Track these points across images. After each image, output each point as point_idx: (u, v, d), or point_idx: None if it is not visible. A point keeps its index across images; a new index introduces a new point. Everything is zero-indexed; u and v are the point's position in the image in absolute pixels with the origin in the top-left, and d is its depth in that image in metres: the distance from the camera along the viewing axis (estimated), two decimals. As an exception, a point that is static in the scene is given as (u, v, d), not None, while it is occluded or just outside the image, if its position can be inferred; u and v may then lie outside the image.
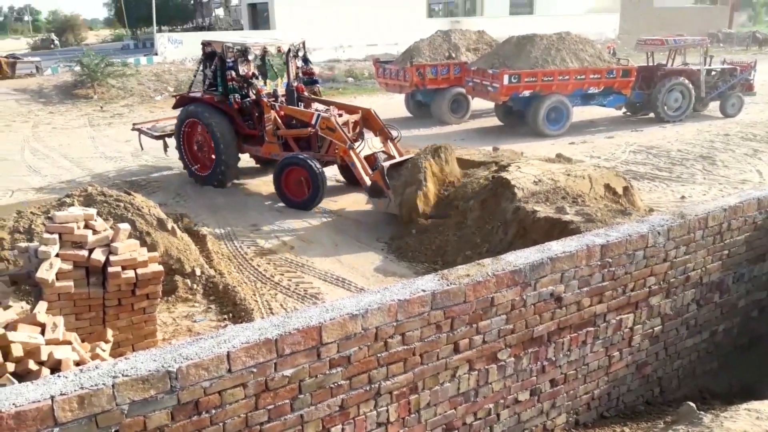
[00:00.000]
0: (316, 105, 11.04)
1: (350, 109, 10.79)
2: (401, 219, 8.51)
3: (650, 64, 17.79)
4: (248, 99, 10.51)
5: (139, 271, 5.02)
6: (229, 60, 10.34)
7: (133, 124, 13.02)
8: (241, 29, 34.14)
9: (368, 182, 9.20)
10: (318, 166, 9.51)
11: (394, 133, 10.24)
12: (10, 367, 3.53)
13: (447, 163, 8.88)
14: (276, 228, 9.07)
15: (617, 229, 4.08)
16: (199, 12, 43.09)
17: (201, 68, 11.30)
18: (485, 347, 3.56)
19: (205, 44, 11.05)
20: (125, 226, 5.19)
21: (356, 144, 9.63)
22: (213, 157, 10.80)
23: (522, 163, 8.69)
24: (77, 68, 24.08)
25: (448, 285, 3.36)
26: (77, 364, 3.76)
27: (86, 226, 5.02)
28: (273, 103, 10.32)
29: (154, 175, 12.26)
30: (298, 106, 10.71)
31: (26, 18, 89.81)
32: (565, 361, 3.92)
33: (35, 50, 44.05)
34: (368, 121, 10.42)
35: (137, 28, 44.50)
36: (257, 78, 10.65)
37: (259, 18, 33.75)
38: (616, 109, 17.24)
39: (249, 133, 10.72)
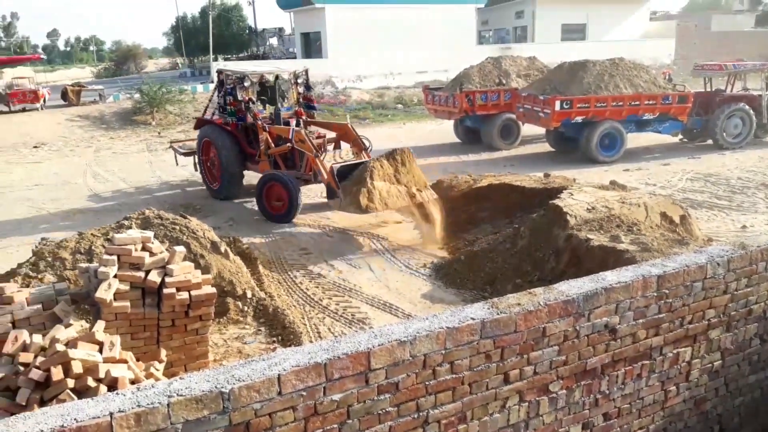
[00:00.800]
0: (311, 127, 12.14)
1: (335, 128, 12.04)
2: (354, 212, 9.39)
3: (708, 89, 17.34)
4: (242, 121, 11.77)
5: (193, 292, 5.14)
6: (228, 86, 11.82)
7: (170, 142, 14.89)
8: (294, 58, 35.01)
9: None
10: (293, 179, 10.57)
11: (366, 143, 10.97)
12: (70, 383, 3.65)
13: (404, 165, 9.44)
14: (325, 252, 9.17)
15: (674, 259, 3.96)
16: (254, 41, 44.42)
17: (216, 93, 12.64)
18: (536, 378, 3.48)
19: (219, 72, 12.48)
20: (180, 249, 5.33)
21: (323, 154, 10.35)
22: (220, 175, 12.21)
23: (575, 190, 8.55)
24: (137, 95, 25.10)
25: (498, 314, 3.31)
26: (132, 382, 3.86)
27: (143, 248, 5.18)
28: (264, 124, 11.40)
29: (209, 200, 12.61)
30: (302, 130, 11.25)
31: (91, 48, 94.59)
32: (619, 395, 3.80)
33: (99, 78, 46.26)
34: (345, 134, 11.44)
35: (194, 57, 46.22)
36: (253, 103, 11.68)
37: (312, 47, 34.58)
38: (673, 136, 16.82)
39: (251, 153, 11.85)
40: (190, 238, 7.03)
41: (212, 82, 29.28)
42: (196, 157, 13.14)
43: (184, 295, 5.11)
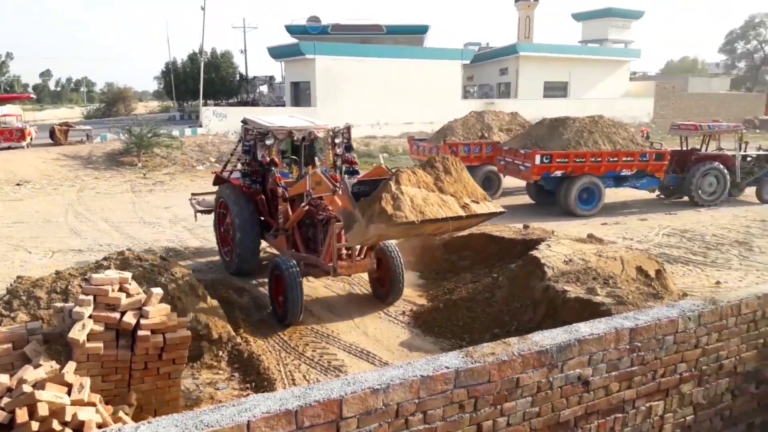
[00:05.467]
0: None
1: (374, 174, 8.76)
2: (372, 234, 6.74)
3: (684, 148, 17.84)
4: (259, 185, 9.53)
5: (168, 335, 5.09)
6: (247, 142, 9.59)
7: (192, 194, 12.49)
8: (284, 105, 35.51)
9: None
10: (295, 270, 7.81)
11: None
12: (35, 426, 3.57)
13: (449, 173, 7.01)
14: (305, 298, 9.10)
15: (647, 312, 4.02)
16: (244, 88, 45.04)
17: (241, 146, 10.27)
18: (509, 430, 3.48)
19: (243, 122, 10.19)
20: (158, 291, 5.30)
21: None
22: (234, 246, 9.76)
23: (552, 242, 8.67)
24: (124, 137, 25.20)
25: (472, 363, 3.33)
26: (100, 426, 3.79)
27: (121, 289, 5.14)
28: (286, 192, 9.00)
29: (190, 243, 12.55)
30: (319, 170, 8.90)
31: (82, 89, 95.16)
32: (592, 449, 3.79)
33: (88, 119, 46.41)
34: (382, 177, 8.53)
35: (184, 101, 46.68)
36: (275, 165, 9.42)
37: (301, 95, 35.16)
38: (650, 192, 17.18)
39: (271, 223, 9.53)
40: (168, 280, 6.98)
41: (200, 126, 29.72)
42: (213, 217, 10.99)
43: (159, 337, 5.05)
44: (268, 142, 9.29)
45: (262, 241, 9.85)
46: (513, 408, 3.45)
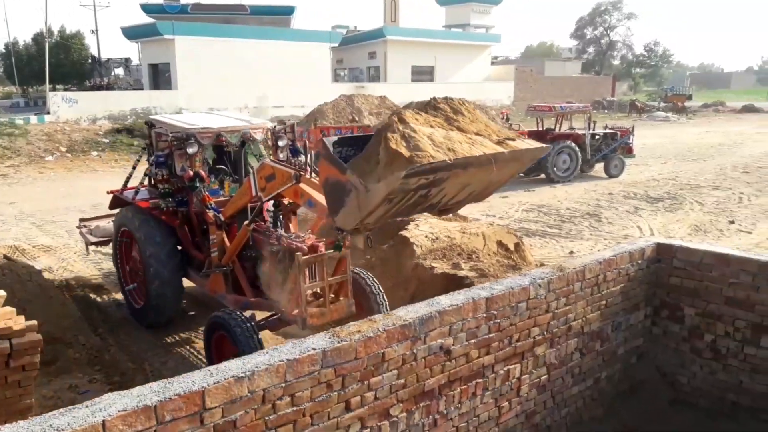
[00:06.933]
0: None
1: None
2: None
3: (540, 128, 19.08)
4: (183, 207, 7.08)
5: (14, 340, 4.66)
6: (160, 152, 7.11)
7: (80, 220, 9.51)
8: (142, 89, 33.53)
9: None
10: (249, 328, 5.58)
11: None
12: None
13: (459, 114, 4.75)
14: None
15: (501, 282, 4.28)
16: (98, 71, 41.95)
17: (146, 157, 7.74)
18: (377, 404, 3.56)
19: (148, 125, 7.61)
20: (1, 293, 4.85)
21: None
22: (146, 287, 7.22)
23: (420, 222, 8.95)
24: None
25: (339, 342, 3.37)
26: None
27: (-46, 294, 4.64)
28: (219, 215, 6.67)
29: (41, 240, 11.55)
30: (278, 223, 6.63)
31: None
32: (456, 414, 3.99)
33: None
34: None
35: (29, 86, 42.70)
36: (202, 181, 6.79)
37: (161, 78, 33.34)
38: (510, 170, 18.24)
39: (196, 257, 7.09)
40: (13, 281, 6.40)
41: (48, 113, 27.30)
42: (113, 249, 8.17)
43: (5, 343, 4.62)
44: (190, 151, 6.78)
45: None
46: (380, 382, 3.54)
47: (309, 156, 6.06)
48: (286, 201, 6.50)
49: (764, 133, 31.28)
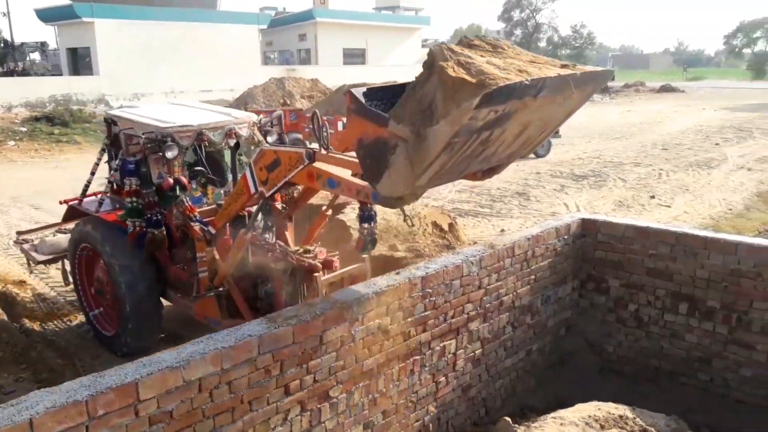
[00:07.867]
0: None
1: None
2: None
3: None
4: (156, 228, 5.63)
5: (-72, 342, 4.41)
6: (129, 158, 5.69)
7: (18, 234, 8.11)
8: (61, 75, 31.87)
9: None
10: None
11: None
12: None
13: (499, 47, 3.67)
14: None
15: (435, 261, 4.37)
16: (11, 56, 39.52)
17: (106, 160, 6.61)
18: (316, 386, 3.59)
19: (108, 122, 6.27)
20: None
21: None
22: (118, 308, 6.09)
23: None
24: None
25: (275, 328, 3.36)
26: None
27: None
28: (206, 229, 5.64)
29: (-46, 234, 10.87)
30: (268, 231, 5.48)
31: None
32: (395, 391, 4.06)
33: None
34: None
35: (-67, 72, 39.79)
36: (184, 189, 5.72)
37: (81, 63, 31.78)
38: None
39: (176, 274, 6.03)
40: (-75, 280, 6.02)
41: (-43, 101, 25.59)
42: (68, 266, 6.98)
43: None
44: (169, 155, 5.49)
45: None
46: (318, 365, 3.56)
47: (325, 131, 4.76)
48: (279, 205, 5.56)
49: (681, 112, 32.92)
